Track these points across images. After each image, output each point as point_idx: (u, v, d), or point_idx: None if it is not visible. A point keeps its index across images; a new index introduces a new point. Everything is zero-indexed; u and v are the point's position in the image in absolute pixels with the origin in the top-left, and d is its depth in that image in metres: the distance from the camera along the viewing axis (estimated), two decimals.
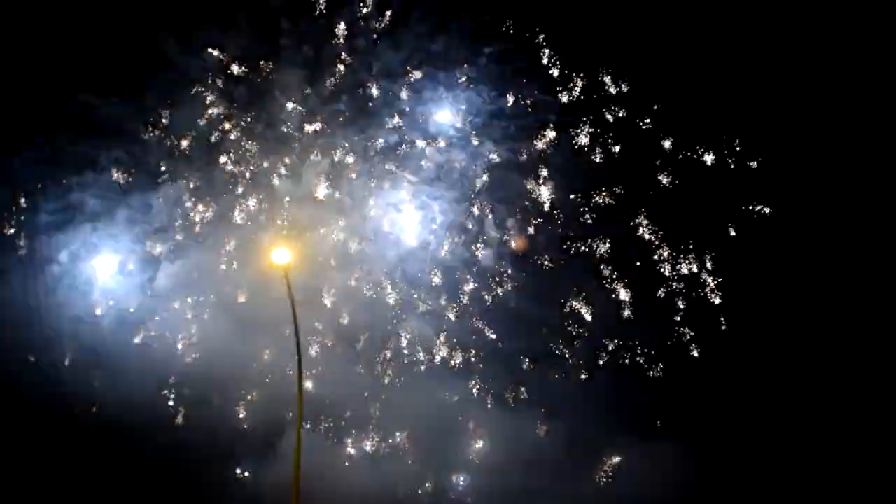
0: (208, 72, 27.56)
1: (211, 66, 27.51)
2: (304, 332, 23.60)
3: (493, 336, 27.66)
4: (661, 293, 27.61)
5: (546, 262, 27.94)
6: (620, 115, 27.83)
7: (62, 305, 26.52)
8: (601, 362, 27.58)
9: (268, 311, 25.57)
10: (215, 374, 26.43)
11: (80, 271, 26.79)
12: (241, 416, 26.98)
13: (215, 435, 26.61)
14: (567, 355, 27.63)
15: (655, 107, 27.70)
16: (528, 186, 28.01)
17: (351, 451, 27.05)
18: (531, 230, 28.01)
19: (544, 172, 27.95)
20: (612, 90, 27.86)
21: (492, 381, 27.54)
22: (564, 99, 27.96)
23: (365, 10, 27.88)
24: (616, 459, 27.10)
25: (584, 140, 27.90)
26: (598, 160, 27.95)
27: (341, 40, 27.95)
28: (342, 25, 27.86)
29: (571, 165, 27.99)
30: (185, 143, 27.58)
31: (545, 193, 27.96)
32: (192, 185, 27.57)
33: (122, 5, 26.65)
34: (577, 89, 27.88)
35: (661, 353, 27.54)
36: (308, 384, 26.46)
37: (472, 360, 27.60)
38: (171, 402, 26.62)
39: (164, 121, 27.40)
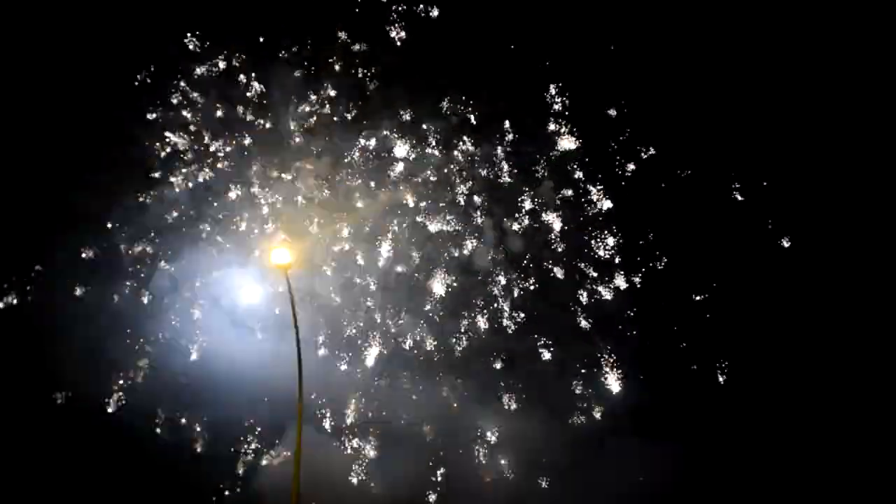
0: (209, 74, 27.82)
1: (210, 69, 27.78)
2: (303, 333, 23.61)
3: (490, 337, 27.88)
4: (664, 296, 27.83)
5: (546, 265, 28.14)
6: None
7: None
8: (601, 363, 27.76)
9: (269, 311, 25.75)
10: (216, 376, 26.55)
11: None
12: (241, 416, 27.17)
13: (217, 436, 26.78)
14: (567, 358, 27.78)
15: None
16: (531, 194, 28.25)
17: (352, 452, 27.22)
18: (532, 234, 28.21)
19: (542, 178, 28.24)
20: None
21: (490, 383, 27.69)
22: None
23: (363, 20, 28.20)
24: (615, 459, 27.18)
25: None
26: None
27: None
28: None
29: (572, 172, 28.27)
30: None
31: (546, 199, 28.19)
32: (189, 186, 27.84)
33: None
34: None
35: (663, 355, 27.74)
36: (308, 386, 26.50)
37: (470, 361, 27.79)
38: (172, 404, 26.85)
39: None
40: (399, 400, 27.30)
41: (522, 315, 27.72)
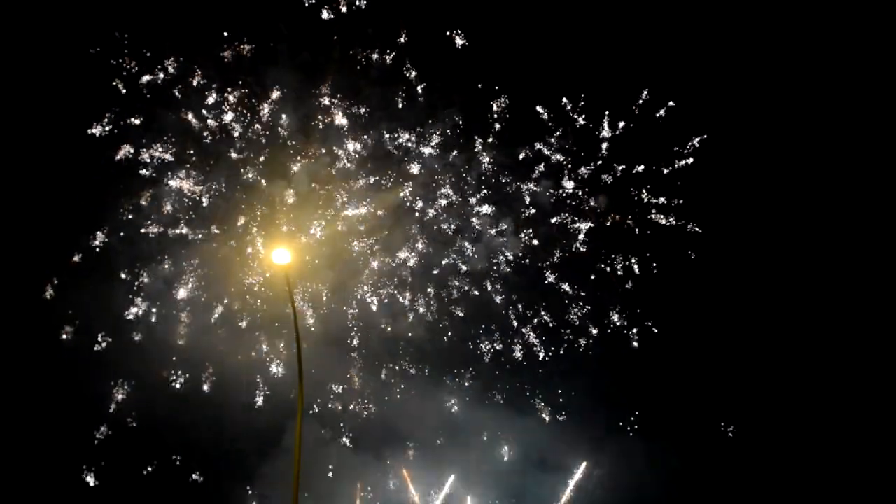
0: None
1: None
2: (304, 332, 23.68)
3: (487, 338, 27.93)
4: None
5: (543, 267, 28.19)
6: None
7: None
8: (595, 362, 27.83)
9: (271, 311, 25.82)
10: (218, 376, 26.60)
11: None
12: (244, 416, 27.19)
13: (219, 435, 26.81)
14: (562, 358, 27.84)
15: None
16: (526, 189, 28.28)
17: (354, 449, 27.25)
18: (530, 235, 28.27)
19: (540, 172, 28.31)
20: None
21: (488, 383, 27.75)
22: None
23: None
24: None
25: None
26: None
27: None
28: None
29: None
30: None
31: (543, 198, 28.23)
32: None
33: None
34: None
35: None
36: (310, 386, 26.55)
37: (469, 360, 27.85)
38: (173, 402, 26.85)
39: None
40: (400, 400, 27.38)
41: (524, 316, 27.85)
